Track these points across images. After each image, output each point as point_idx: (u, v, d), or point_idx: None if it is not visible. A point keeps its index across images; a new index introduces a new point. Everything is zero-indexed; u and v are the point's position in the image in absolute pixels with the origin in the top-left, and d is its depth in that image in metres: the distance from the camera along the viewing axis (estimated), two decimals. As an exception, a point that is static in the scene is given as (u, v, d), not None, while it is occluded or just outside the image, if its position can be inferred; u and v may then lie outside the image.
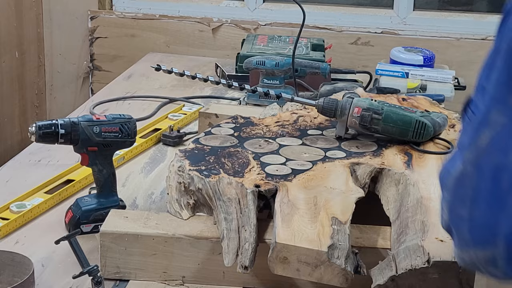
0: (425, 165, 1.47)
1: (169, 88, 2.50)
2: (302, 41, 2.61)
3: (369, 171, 1.45)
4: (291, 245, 1.19)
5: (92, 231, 1.52)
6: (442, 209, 0.96)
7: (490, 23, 2.78)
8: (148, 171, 1.85)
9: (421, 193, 1.36)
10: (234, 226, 1.28)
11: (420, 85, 2.29)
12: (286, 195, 1.33)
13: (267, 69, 2.22)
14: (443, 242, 1.22)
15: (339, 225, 1.24)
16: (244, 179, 1.38)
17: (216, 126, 1.68)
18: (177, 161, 1.47)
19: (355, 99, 1.59)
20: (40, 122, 1.46)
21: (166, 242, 1.33)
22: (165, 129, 2.04)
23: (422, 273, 1.17)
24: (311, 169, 1.45)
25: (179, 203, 1.41)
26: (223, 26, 2.96)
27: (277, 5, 2.97)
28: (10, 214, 1.57)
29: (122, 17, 3.02)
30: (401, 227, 1.30)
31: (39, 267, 1.40)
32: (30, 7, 2.94)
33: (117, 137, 1.52)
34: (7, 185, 1.76)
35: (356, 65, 2.75)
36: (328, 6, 2.98)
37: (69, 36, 3.06)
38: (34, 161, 1.89)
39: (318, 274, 1.20)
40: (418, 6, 2.90)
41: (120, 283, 1.36)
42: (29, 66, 2.97)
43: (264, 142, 1.58)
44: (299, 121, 1.70)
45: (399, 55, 2.45)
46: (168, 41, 3.00)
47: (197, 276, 1.35)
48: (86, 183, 1.74)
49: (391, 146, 1.57)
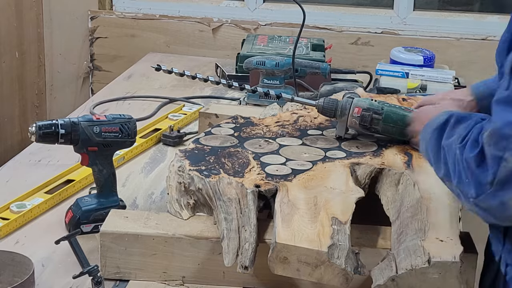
0: (425, 165, 1.47)
1: (169, 88, 2.50)
2: (302, 41, 2.61)
3: (369, 171, 1.45)
4: (291, 245, 1.19)
5: (92, 231, 1.52)
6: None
7: (490, 23, 2.78)
8: (148, 171, 1.85)
9: (421, 193, 1.36)
10: (234, 226, 1.28)
11: (420, 85, 2.29)
12: (286, 195, 1.33)
13: (267, 69, 2.22)
14: (443, 242, 1.22)
15: (339, 225, 1.24)
16: (244, 179, 1.38)
17: (216, 126, 1.68)
18: (177, 161, 1.47)
19: (355, 99, 1.59)
20: (40, 122, 1.46)
21: (166, 242, 1.33)
22: (165, 129, 2.04)
23: (422, 273, 1.17)
24: (311, 169, 1.45)
25: (179, 203, 1.41)
26: (223, 26, 2.96)
27: (277, 5, 2.97)
28: (10, 214, 1.57)
29: (122, 17, 3.02)
30: (401, 227, 1.30)
31: (39, 267, 1.40)
32: (30, 7, 2.94)
33: (117, 137, 1.52)
34: (7, 185, 1.76)
35: (356, 65, 2.75)
36: (328, 6, 2.98)
37: (69, 36, 3.06)
38: (34, 161, 1.89)
39: (318, 274, 1.20)
40: (418, 6, 2.90)
41: (120, 283, 1.36)
42: (29, 66, 2.97)
43: (264, 142, 1.58)
44: (299, 121, 1.70)
45: (399, 55, 2.45)
46: (168, 41, 3.00)
47: (197, 276, 1.35)
48: (86, 183, 1.74)
49: (391, 146, 1.57)
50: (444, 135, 1.24)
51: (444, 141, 1.23)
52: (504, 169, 1.09)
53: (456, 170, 1.18)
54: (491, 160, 1.11)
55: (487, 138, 1.12)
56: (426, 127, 1.33)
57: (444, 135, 1.25)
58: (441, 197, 1.35)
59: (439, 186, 1.38)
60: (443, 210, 1.31)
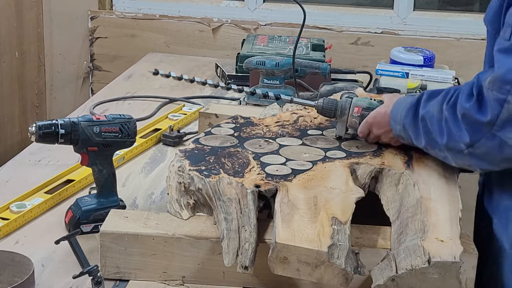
0: (425, 165, 1.47)
1: (169, 88, 2.50)
2: (302, 41, 2.61)
3: (369, 171, 1.45)
4: (291, 245, 1.19)
5: (92, 231, 1.52)
6: None
7: (490, 23, 2.78)
8: (148, 171, 1.85)
9: (421, 193, 1.36)
10: (234, 226, 1.28)
11: (420, 85, 2.29)
12: (286, 195, 1.33)
13: (267, 69, 2.22)
14: (443, 242, 1.22)
15: (339, 225, 1.24)
16: (244, 179, 1.38)
17: (216, 126, 1.68)
18: (177, 161, 1.47)
19: (355, 98, 1.59)
20: (40, 122, 1.46)
21: (166, 242, 1.33)
22: (165, 129, 2.04)
23: (422, 273, 1.17)
24: (311, 169, 1.45)
25: (179, 203, 1.41)
26: (223, 26, 2.96)
27: (277, 5, 2.97)
28: (10, 214, 1.57)
29: (122, 17, 3.02)
30: (401, 227, 1.30)
31: (39, 267, 1.40)
32: (30, 7, 2.94)
33: (117, 137, 1.52)
34: (7, 185, 1.76)
35: (356, 65, 2.75)
36: (328, 6, 2.98)
37: (69, 36, 3.06)
38: (34, 161, 1.89)
39: (318, 274, 1.20)
40: (418, 6, 2.90)
41: (120, 283, 1.36)
42: (29, 66, 2.97)
43: (264, 142, 1.58)
44: (299, 121, 1.70)
45: (399, 55, 2.45)
46: (168, 41, 3.00)
47: (197, 276, 1.35)
48: (86, 183, 1.74)
49: (391, 146, 1.57)
50: (420, 109, 1.38)
51: (422, 112, 1.37)
52: (506, 110, 1.23)
53: (444, 130, 1.32)
54: (493, 103, 1.24)
55: (489, 84, 1.25)
56: (395, 109, 1.46)
57: (419, 109, 1.38)
58: (441, 197, 1.35)
59: (439, 186, 1.38)
60: (443, 210, 1.31)
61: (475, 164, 1.33)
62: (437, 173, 1.43)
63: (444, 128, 1.33)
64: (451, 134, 1.31)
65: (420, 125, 1.38)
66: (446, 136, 1.32)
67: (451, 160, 1.37)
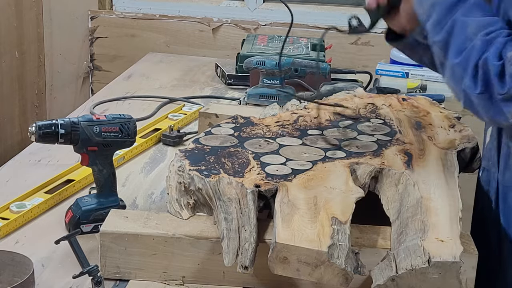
0: (425, 165, 1.47)
1: (169, 88, 2.50)
2: (302, 41, 2.61)
3: (369, 171, 1.45)
4: (291, 245, 1.19)
5: (92, 231, 1.52)
6: None
7: (490, 23, 2.78)
8: (148, 171, 1.85)
9: (421, 193, 1.36)
10: (234, 226, 1.28)
11: (420, 85, 2.29)
12: (286, 195, 1.33)
13: (267, 69, 2.22)
14: (443, 242, 1.22)
15: (339, 225, 1.24)
16: (244, 179, 1.38)
17: (216, 126, 1.68)
18: (177, 161, 1.47)
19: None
20: (40, 122, 1.46)
21: (166, 242, 1.33)
22: (165, 129, 2.04)
23: (422, 273, 1.17)
24: (311, 169, 1.45)
25: (179, 203, 1.41)
26: (223, 26, 2.96)
27: (277, 5, 2.97)
28: (10, 214, 1.57)
29: (122, 17, 3.02)
30: (401, 227, 1.30)
31: (39, 267, 1.40)
32: (30, 7, 2.94)
33: (117, 137, 1.52)
34: (7, 185, 1.76)
35: (356, 65, 2.75)
36: (328, 6, 2.98)
37: (69, 36, 3.07)
38: (34, 161, 1.89)
39: (318, 274, 1.20)
40: (418, 6, 2.90)
41: (120, 283, 1.36)
42: (29, 66, 2.97)
43: (264, 142, 1.58)
44: (299, 121, 1.70)
45: (399, 55, 2.45)
46: (168, 41, 3.00)
47: (197, 276, 1.35)
48: (86, 183, 1.74)
49: (391, 146, 1.57)
50: (459, 9, 1.26)
51: (459, 15, 1.26)
52: None
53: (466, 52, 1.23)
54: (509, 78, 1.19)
55: (511, 58, 1.19)
56: None
57: (458, 8, 1.27)
58: (441, 197, 1.35)
59: (439, 186, 1.38)
60: (443, 210, 1.31)
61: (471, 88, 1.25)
62: (437, 173, 1.43)
63: (468, 51, 1.23)
64: (468, 60, 1.23)
65: (448, 22, 1.26)
66: (461, 58, 1.24)
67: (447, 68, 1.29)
